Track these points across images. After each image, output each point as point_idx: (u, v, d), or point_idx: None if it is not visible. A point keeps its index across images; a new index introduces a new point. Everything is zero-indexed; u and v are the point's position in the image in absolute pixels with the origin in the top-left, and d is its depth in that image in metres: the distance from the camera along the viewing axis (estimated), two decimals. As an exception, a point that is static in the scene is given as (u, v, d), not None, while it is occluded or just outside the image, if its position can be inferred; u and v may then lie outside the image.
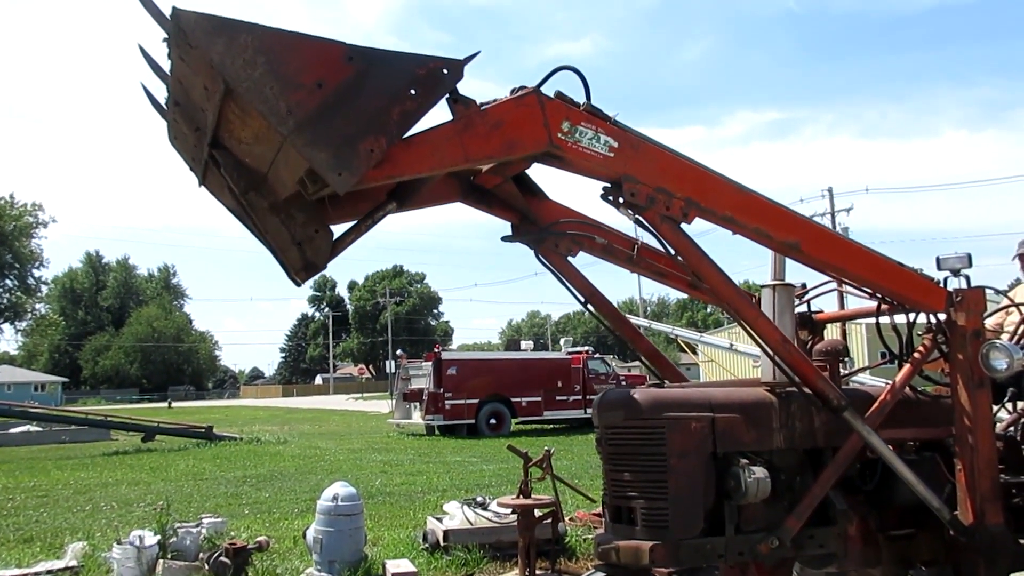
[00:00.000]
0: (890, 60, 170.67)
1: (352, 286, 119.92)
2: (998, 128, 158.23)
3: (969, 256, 3.99)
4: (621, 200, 3.51)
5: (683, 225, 3.61)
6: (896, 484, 3.91)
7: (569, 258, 4.20)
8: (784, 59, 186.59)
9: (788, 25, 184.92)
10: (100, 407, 50.47)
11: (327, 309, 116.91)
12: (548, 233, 4.09)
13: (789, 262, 4.27)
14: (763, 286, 4.20)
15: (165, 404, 65.86)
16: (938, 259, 4.05)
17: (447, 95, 3.08)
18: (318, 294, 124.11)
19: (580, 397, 24.91)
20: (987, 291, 4.10)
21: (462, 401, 23.45)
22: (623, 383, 25.94)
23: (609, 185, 3.56)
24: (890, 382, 4.05)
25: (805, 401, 3.84)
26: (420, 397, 24.22)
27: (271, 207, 3.18)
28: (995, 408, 4.21)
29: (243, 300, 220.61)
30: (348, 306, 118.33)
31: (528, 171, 4.13)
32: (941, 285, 4.06)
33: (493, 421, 23.94)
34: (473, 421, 23.60)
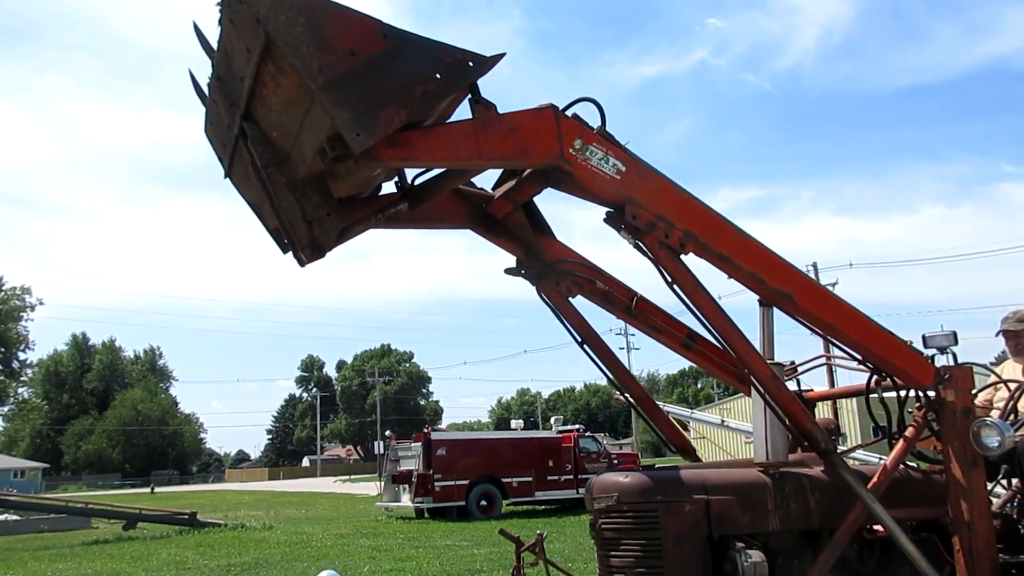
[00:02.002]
0: (865, 138, 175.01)
1: (340, 366, 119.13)
2: (974, 203, 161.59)
3: (955, 334, 4.02)
4: (623, 225, 3.60)
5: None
6: (895, 565, 3.85)
7: (569, 299, 4.28)
8: (762, 138, 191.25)
9: (764, 106, 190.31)
10: (81, 494, 49.28)
11: (315, 389, 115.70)
12: (551, 271, 4.17)
13: (777, 337, 4.29)
14: (753, 365, 4.21)
15: (148, 489, 64.38)
16: (924, 337, 4.07)
17: (470, 95, 3.29)
18: (305, 374, 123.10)
19: (572, 477, 24.50)
20: (973, 367, 4.12)
21: (452, 482, 23.02)
22: (615, 461, 25.61)
23: (612, 210, 3.66)
24: (882, 458, 4.03)
25: (799, 482, 3.81)
26: (409, 479, 23.78)
27: (289, 184, 3.35)
28: (990, 486, 4.18)
29: (230, 381, 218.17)
30: (336, 386, 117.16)
31: (539, 208, 4.29)
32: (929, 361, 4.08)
33: (484, 503, 23.47)
34: (463, 503, 23.11)
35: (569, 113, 3.51)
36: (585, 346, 4.36)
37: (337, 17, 2.96)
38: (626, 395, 4.61)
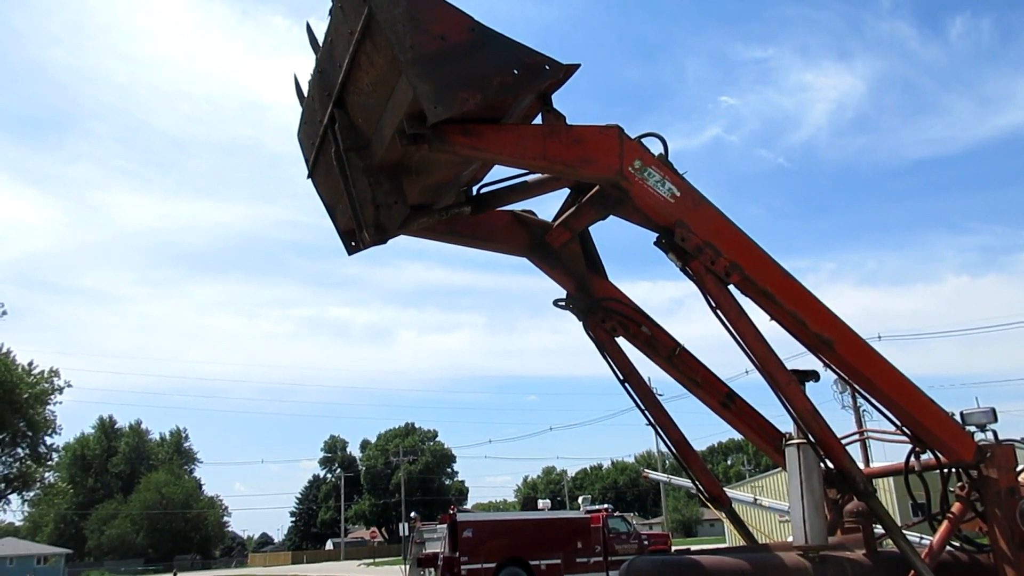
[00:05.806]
0: (883, 210, 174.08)
1: (364, 445, 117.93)
2: (1000, 273, 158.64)
3: (993, 411, 3.92)
4: (671, 248, 3.74)
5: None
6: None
7: (615, 338, 4.40)
8: (780, 212, 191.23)
9: (780, 180, 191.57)
10: (103, 580, 48.58)
11: (339, 470, 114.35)
12: (599, 307, 4.31)
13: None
14: (787, 444, 4.13)
15: (170, 575, 63.46)
16: (962, 414, 3.97)
17: (544, 104, 3.59)
18: (329, 455, 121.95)
19: (602, 559, 23.89)
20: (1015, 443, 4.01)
21: (479, 565, 22.50)
22: (645, 542, 24.98)
23: (662, 234, 3.79)
24: (923, 538, 3.91)
25: (841, 566, 3.69)
26: (435, 562, 23.29)
27: (366, 169, 3.66)
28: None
29: (254, 463, 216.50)
30: (360, 466, 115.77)
31: (595, 245, 4.49)
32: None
33: (511, 587, 22.87)
34: (491, 587, 22.55)
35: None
36: (626, 384, 4.42)
37: (433, 5, 3.35)
38: (667, 439, 4.60)
